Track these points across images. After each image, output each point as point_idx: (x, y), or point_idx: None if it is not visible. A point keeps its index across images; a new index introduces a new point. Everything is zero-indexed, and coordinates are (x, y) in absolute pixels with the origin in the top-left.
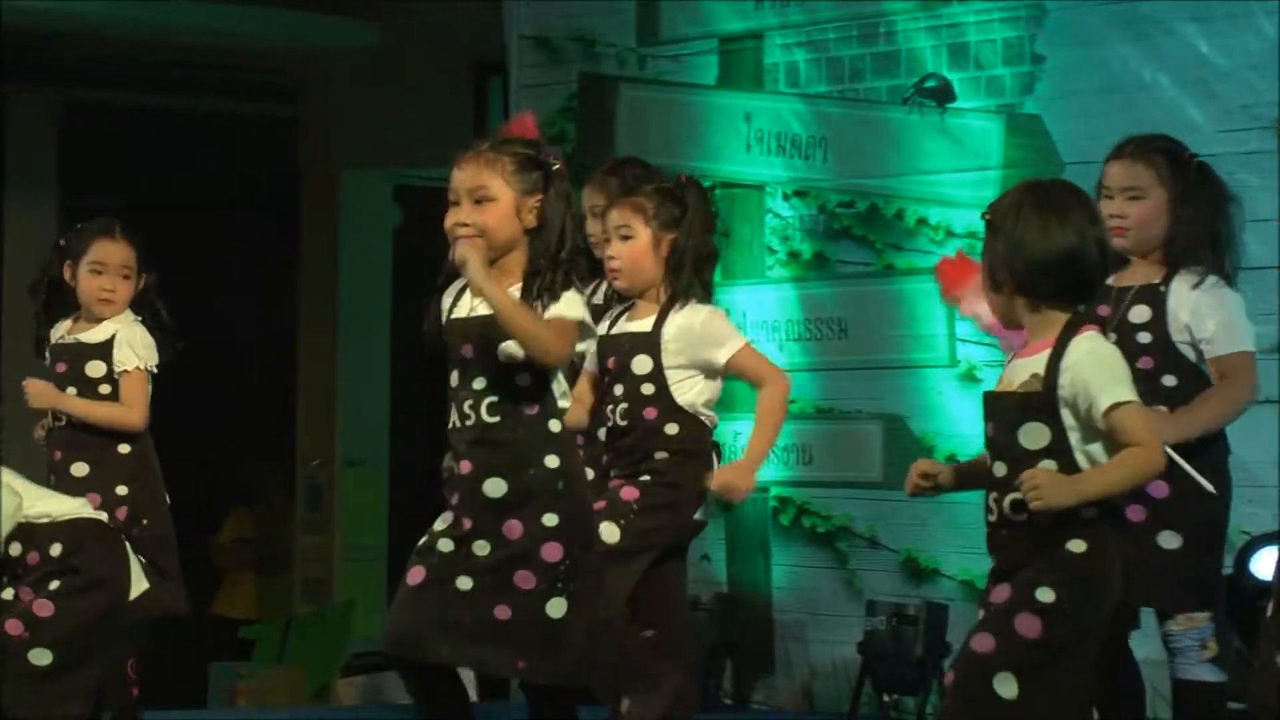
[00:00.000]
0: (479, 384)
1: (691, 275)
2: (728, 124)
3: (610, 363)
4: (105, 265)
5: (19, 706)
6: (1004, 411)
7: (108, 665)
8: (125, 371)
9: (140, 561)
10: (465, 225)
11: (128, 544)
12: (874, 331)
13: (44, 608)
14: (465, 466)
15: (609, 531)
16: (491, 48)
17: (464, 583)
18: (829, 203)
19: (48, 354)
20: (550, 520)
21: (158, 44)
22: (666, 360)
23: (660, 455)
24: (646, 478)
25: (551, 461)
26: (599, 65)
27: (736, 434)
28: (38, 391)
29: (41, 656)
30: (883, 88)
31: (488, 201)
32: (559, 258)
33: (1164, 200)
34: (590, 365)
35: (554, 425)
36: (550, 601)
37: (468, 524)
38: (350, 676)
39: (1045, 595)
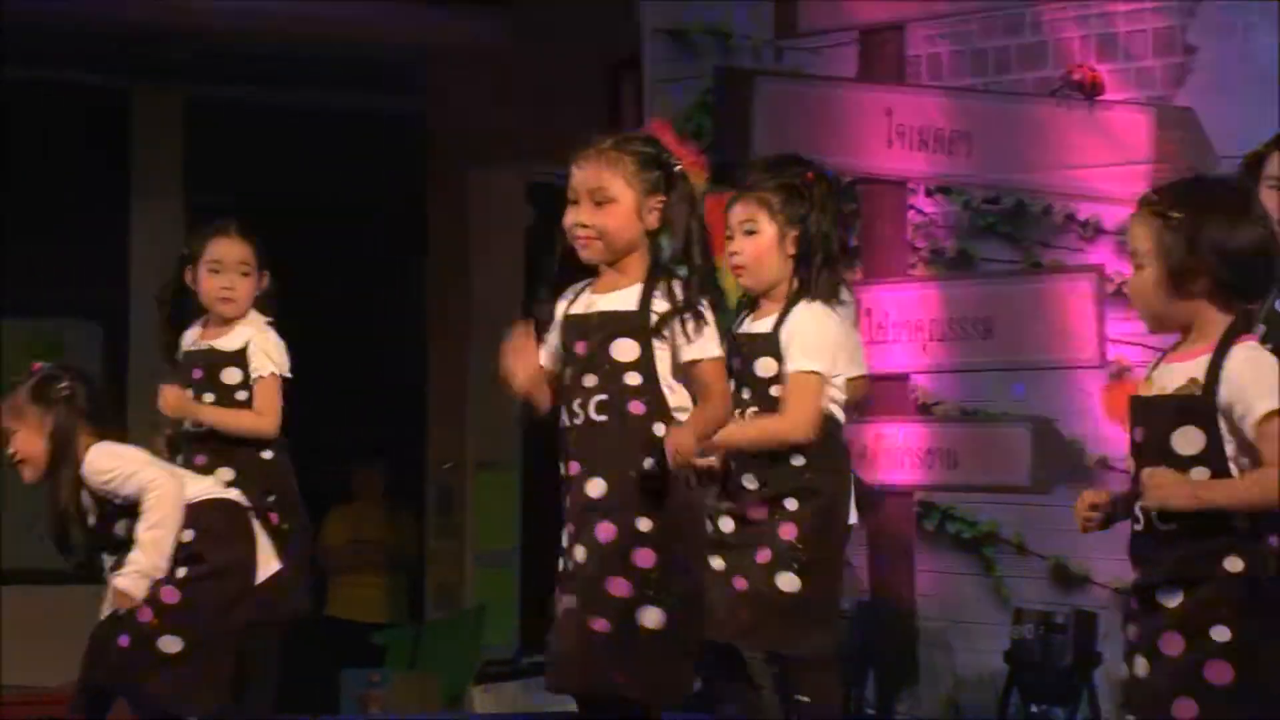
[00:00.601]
0: (590, 381)
1: (819, 272)
2: (868, 118)
3: (735, 364)
4: (223, 264)
5: (154, 694)
6: (1156, 416)
7: (252, 655)
8: (260, 378)
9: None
10: (585, 226)
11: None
12: (1020, 331)
13: (171, 594)
14: (573, 468)
15: (788, 582)
16: (625, 42)
17: (569, 600)
18: (973, 199)
19: (179, 359)
20: (645, 525)
21: (284, 40)
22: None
23: (797, 462)
24: (794, 503)
25: (651, 464)
26: (735, 59)
27: (878, 435)
28: (172, 400)
29: (172, 644)
30: (1029, 80)
31: (608, 202)
32: (687, 265)
33: None
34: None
35: (659, 429)
36: (642, 610)
37: (571, 528)
38: (484, 684)
39: (1221, 634)
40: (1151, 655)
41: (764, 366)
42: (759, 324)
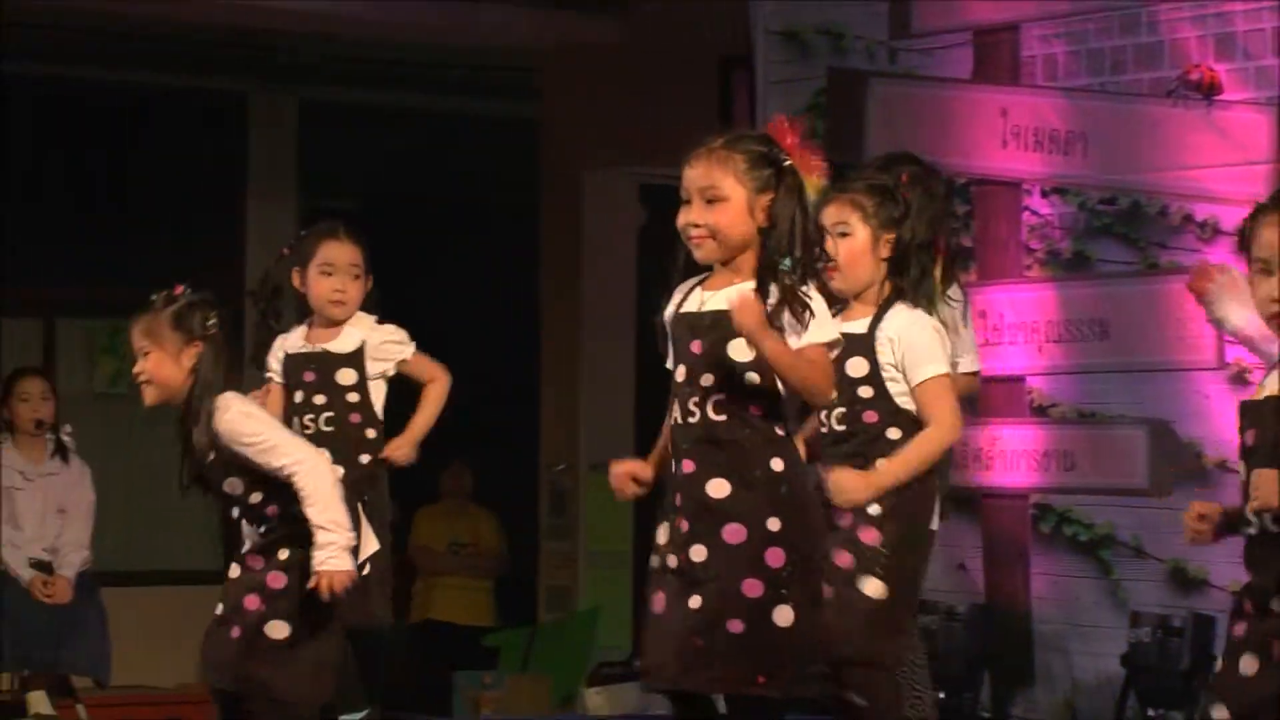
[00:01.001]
0: (706, 380)
1: (916, 276)
2: (983, 119)
3: None
4: (335, 266)
5: (262, 680)
6: (1269, 418)
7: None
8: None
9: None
10: (697, 226)
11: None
12: (1137, 332)
13: (277, 579)
14: (687, 466)
15: (873, 588)
16: (737, 42)
17: (694, 601)
18: (1089, 200)
19: (280, 364)
20: (774, 524)
21: (396, 42)
22: (883, 361)
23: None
24: (877, 508)
25: (776, 464)
26: (848, 59)
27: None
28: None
29: (279, 629)
30: (1145, 80)
31: (719, 201)
32: (792, 259)
33: None
34: None
35: (779, 427)
36: (776, 609)
37: (685, 526)
38: (597, 685)
39: None
40: (1262, 656)
41: (855, 366)
42: (851, 325)
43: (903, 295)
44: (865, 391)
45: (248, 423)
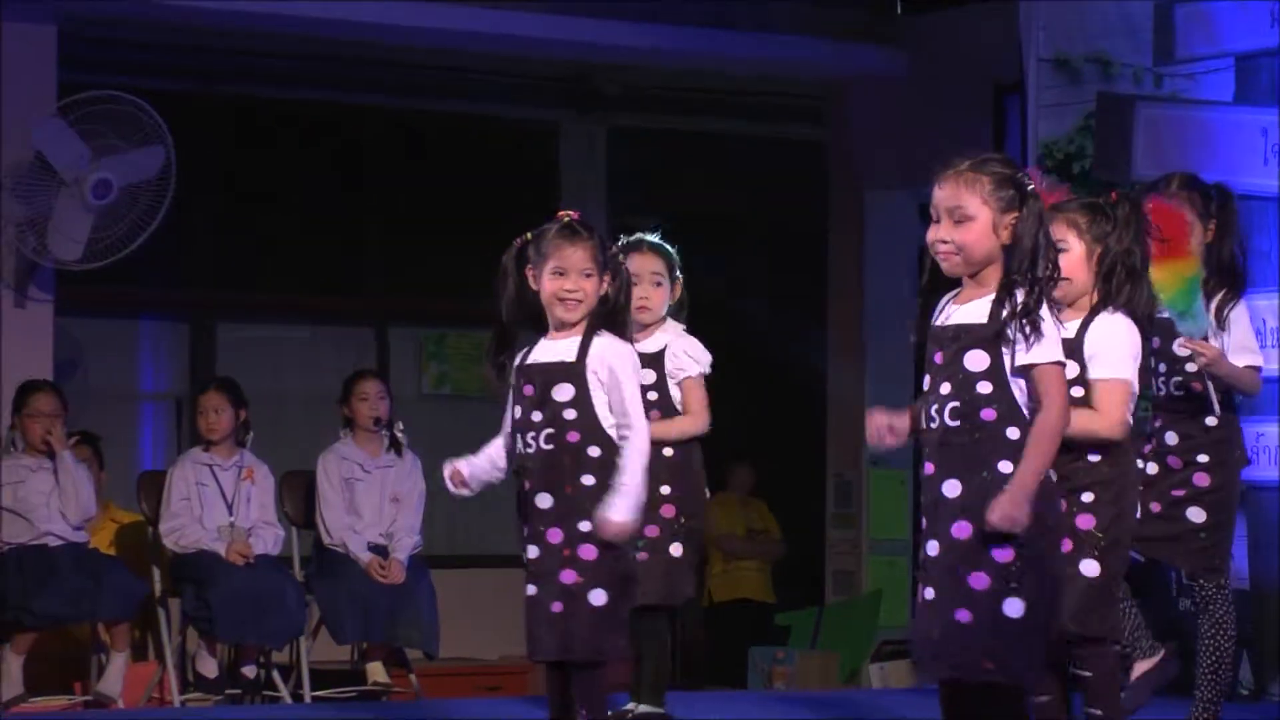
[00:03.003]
0: (945, 389)
1: (1121, 286)
2: (1245, 138)
3: None
4: (640, 276)
5: (586, 645)
6: None
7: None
8: (688, 378)
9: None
10: (945, 242)
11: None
12: None
13: (589, 552)
14: (929, 468)
15: (1089, 568)
16: (1009, 69)
17: (928, 593)
18: None
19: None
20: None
21: (697, 72)
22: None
23: (1094, 458)
24: (1090, 496)
25: (1004, 467)
26: (1115, 84)
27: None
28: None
29: (599, 597)
30: None
31: (966, 220)
32: (1032, 276)
33: None
34: None
35: (1012, 432)
36: (1006, 601)
37: (924, 522)
38: (880, 661)
39: None
40: None
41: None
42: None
43: (1106, 304)
44: (1076, 391)
45: (627, 358)
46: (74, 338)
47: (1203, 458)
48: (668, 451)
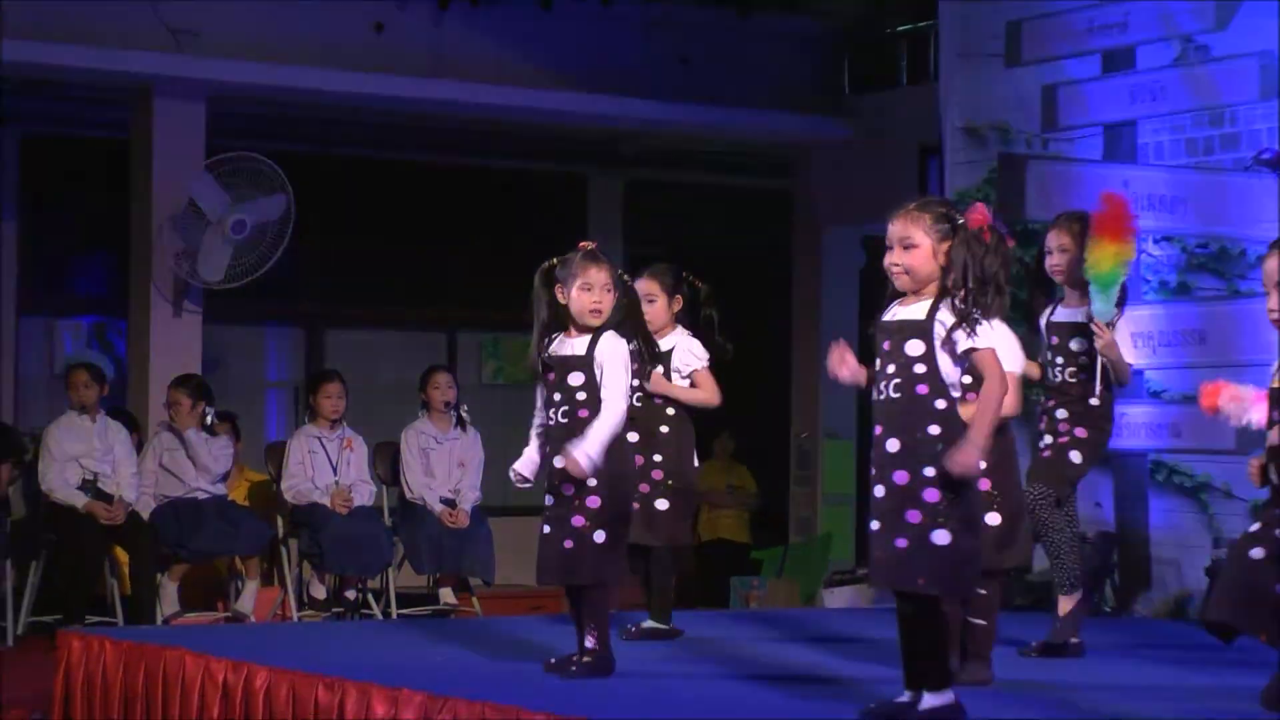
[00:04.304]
0: (890, 369)
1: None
2: (1111, 188)
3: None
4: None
5: (589, 571)
6: None
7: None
8: (696, 370)
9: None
10: (897, 265)
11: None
12: (1225, 339)
13: (594, 502)
14: (877, 430)
15: (991, 518)
16: (931, 135)
17: (875, 525)
18: (1188, 245)
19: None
20: (929, 472)
21: (694, 137)
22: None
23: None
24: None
25: (934, 429)
26: (1012, 147)
27: (1121, 414)
28: (654, 380)
29: (600, 535)
30: (1228, 159)
31: (913, 247)
32: (963, 291)
33: None
34: None
35: (939, 403)
36: (934, 532)
37: (873, 471)
38: (831, 587)
39: None
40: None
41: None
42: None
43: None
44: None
45: (619, 354)
46: (217, 341)
47: (1080, 432)
48: (664, 429)
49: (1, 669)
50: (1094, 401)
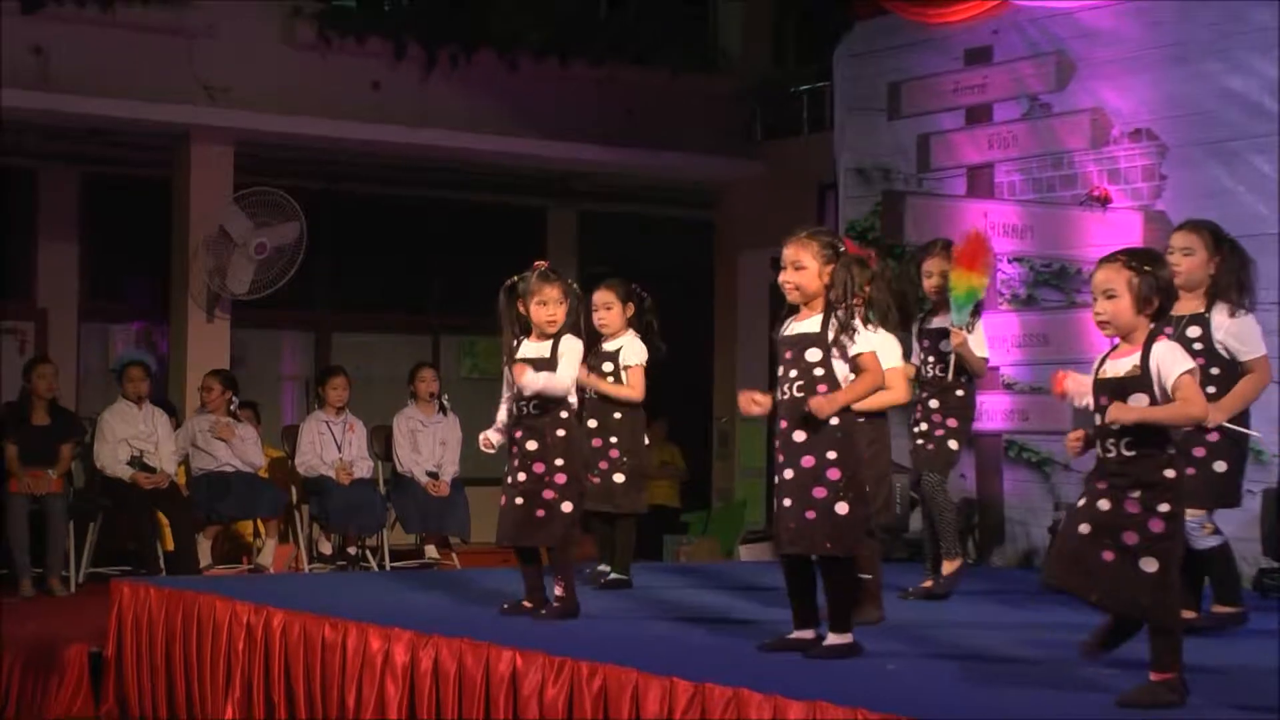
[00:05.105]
0: (793, 374)
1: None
2: (973, 218)
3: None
4: (603, 304)
5: (571, 534)
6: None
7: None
8: (628, 367)
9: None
10: (789, 283)
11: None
12: (1064, 341)
13: (561, 479)
14: (783, 424)
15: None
16: (828, 174)
17: (786, 502)
18: (1035, 264)
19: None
20: (831, 455)
21: (635, 175)
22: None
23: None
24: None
25: (834, 420)
26: (894, 185)
27: (983, 402)
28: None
29: (568, 506)
30: (1067, 195)
31: (802, 268)
32: (844, 306)
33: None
34: None
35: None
36: (836, 504)
37: (780, 457)
38: (745, 544)
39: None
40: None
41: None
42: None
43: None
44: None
45: (575, 353)
46: (242, 342)
47: (952, 421)
48: (617, 415)
49: (66, 611)
50: (960, 393)
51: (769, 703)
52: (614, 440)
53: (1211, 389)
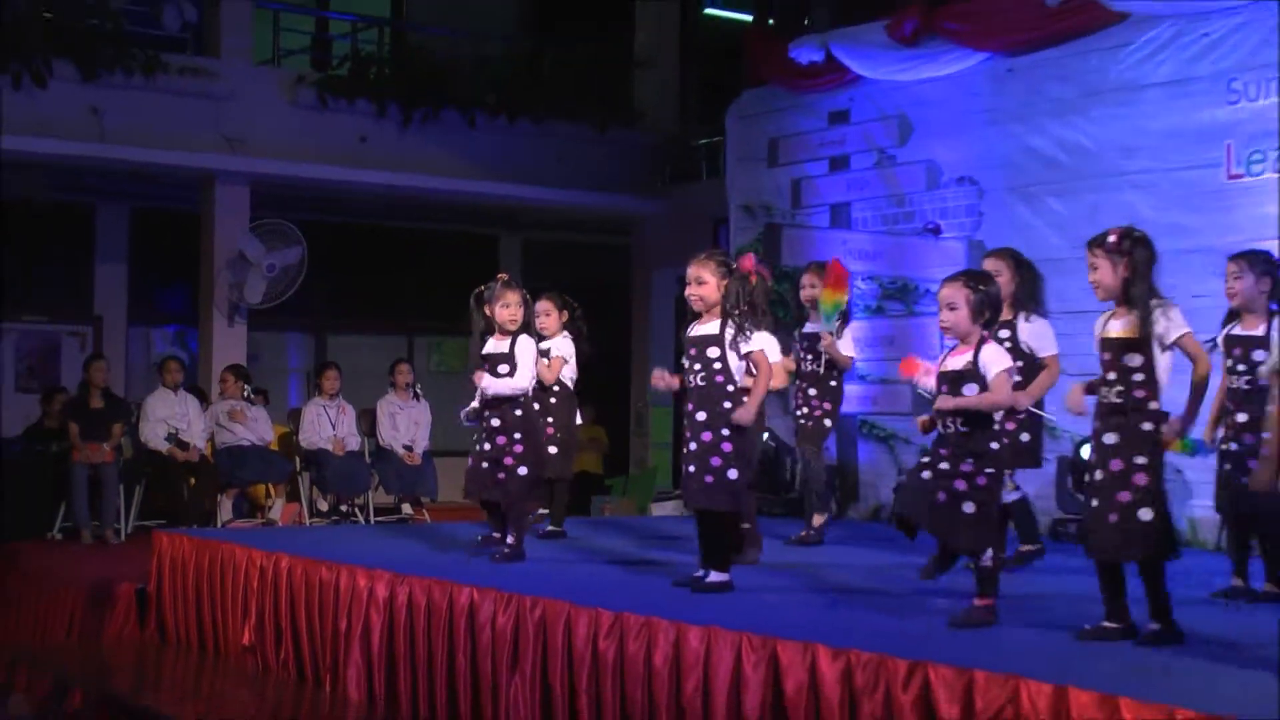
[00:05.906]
0: (697, 367)
1: (762, 318)
2: (835, 247)
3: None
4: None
5: (519, 498)
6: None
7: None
8: (561, 359)
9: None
10: (693, 294)
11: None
12: (905, 343)
13: (519, 449)
14: (690, 406)
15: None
16: (721, 211)
17: (691, 469)
18: (883, 282)
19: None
20: (725, 432)
21: (571, 209)
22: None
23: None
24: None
25: (726, 404)
26: (774, 219)
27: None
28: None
29: (524, 470)
30: (909, 228)
31: (702, 284)
32: (737, 312)
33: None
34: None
35: (729, 387)
36: (729, 470)
37: (687, 433)
38: (657, 502)
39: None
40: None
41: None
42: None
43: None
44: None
45: (529, 351)
46: (257, 342)
47: (826, 404)
48: (553, 400)
49: (117, 556)
50: (832, 383)
51: (673, 628)
52: (550, 419)
53: (1018, 378)
